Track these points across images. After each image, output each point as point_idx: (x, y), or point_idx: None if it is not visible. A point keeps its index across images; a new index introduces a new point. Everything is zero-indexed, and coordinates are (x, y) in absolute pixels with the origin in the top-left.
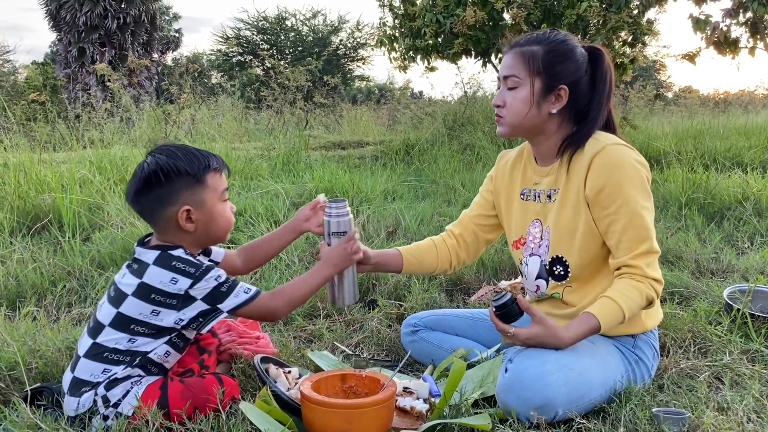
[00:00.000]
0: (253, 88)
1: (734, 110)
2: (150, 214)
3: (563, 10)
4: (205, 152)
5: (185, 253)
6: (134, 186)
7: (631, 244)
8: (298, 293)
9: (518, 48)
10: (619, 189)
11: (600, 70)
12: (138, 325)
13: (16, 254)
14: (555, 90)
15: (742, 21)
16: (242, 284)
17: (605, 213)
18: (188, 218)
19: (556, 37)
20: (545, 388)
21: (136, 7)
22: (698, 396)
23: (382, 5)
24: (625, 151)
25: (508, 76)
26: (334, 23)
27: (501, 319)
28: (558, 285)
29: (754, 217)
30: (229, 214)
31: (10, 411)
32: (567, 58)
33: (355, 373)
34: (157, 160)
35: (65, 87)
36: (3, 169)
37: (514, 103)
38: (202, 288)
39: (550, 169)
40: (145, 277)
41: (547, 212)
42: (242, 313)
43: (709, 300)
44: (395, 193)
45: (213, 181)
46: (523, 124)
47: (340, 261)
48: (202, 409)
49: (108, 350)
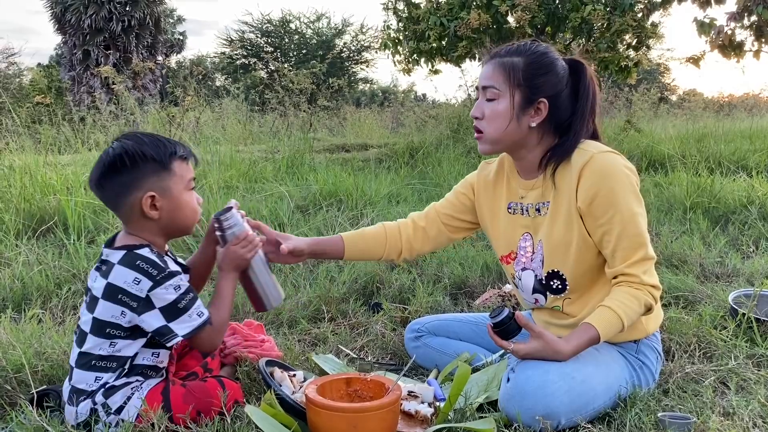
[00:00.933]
0: (257, 90)
1: (739, 113)
2: (114, 200)
3: (567, 14)
4: (173, 140)
5: (150, 252)
6: (98, 171)
7: (627, 253)
8: (225, 317)
9: (498, 58)
10: (611, 197)
11: (582, 83)
12: (112, 328)
13: (21, 257)
14: (534, 103)
15: (746, 24)
16: (198, 304)
17: (599, 223)
18: (153, 205)
19: (537, 49)
20: (547, 398)
21: (141, 10)
22: (704, 401)
23: (386, 8)
24: (613, 158)
25: (487, 87)
26: (338, 26)
27: (500, 336)
28: (557, 298)
29: (759, 221)
30: (195, 205)
31: (17, 413)
32: (548, 71)
33: (360, 377)
34: (123, 145)
35: (70, 89)
36: (8, 171)
37: (494, 116)
38: (161, 296)
39: (536, 182)
40: (110, 277)
41: (538, 226)
42: (191, 341)
43: (714, 304)
44: (399, 196)
45: (179, 168)
46: (504, 139)
47: (235, 263)
48: (206, 412)
49: (94, 357)
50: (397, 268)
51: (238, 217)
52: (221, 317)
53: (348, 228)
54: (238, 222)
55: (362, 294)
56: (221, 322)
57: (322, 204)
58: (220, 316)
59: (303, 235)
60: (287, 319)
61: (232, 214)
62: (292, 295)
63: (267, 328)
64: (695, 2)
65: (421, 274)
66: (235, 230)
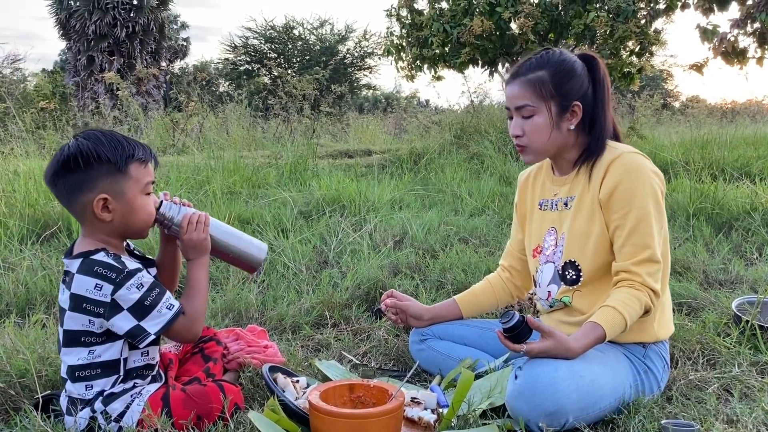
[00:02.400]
0: (260, 96)
1: (742, 120)
2: (66, 199)
3: (571, 20)
4: (133, 141)
5: (106, 256)
6: (52, 168)
7: (634, 249)
8: (201, 305)
9: (522, 77)
10: (631, 194)
11: (598, 76)
12: (86, 336)
13: (25, 261)
14: (569, 108)
15: (749, 31)
16: (167, 297)
17: (614, 217)
18: (104, 207)
19: (556, 57)
20: (556, 394)
21: (145, 16)
22: (707, 408)
23: (390, 15)
24: (641, 160)
25: (521, 107)
26: (341, 32)
27: (512, 341)
28: (569, 289)
29: (762, 228)
30: (151, 209)
31: (21, 418)
32: (572, 75)
33: (363, 383)
34: (79, 144)
35: (74, 95)
36: (13, 176)
37: (535, 130)
38: (126, 297)
39: (567, 178)
40: (73, 287)
41: (563, 219)
42: (167, 334)
43: (718, 311)
44: (402, 202)
45: (136, 172)
46: (549, 148)
47: (198, 248)
48: (207, 417)
49: (76, 368)
50: (400, 274)
51: (172, 206)
52: (195, 306)
53: (351, 233)
54: (175, 211)
55: (365, 300)
56: (196, 311)
57: (325, 210)
58: (194, 305)
59: (306, 241)
60: (290, 324)
61: (165, 207)
62: (295, 301)
63: (270, 334)
64: (698, 9)
65: (424, 280)
66: (176, 219)
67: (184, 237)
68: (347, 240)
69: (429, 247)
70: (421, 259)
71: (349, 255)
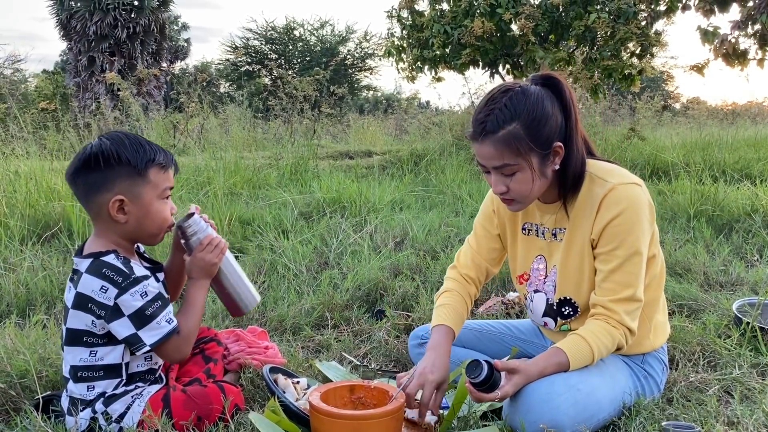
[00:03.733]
0: (261, 97)
1: (742, 122)
2: (84, 197)
3: (571, 21)
4: (156, 146)
5: (116, 259)
6: (73, 166)
7: (615, 287)
8: (194, 325)
9: (493, 135)
10: (621, 232)
11: (564, 99)
12: (89, 336)
13: (26, 262)
14: (551, 153)
15: (750, 33)
16: (168, 310)
17: (602, 250)
18: (120, 209)
19: (523, 104)
20: (552, 411)
21: (146, 17)
22: (708, 410)
23: (391, 16)
24: (634, 193)
25: (499, 167)
26: (342, 33)
27: (486, 392)
28: (566, 322)
29: (763, 230)
30: (167, 215)
31: (21, 419)
32: (545, 118)
33: (364, 384)
34: (102, 144)
35: (75, 96)
36: (14, 177)
37: (520, 186)
38: (128, 304)
39: (553, 207)
40: (79, 286)
41: (553, 250)
42: (157, 350)
43: (718, 313)
44: (403, 203)
45: (155, 176)
46: (535, 194)
47: (206, 270)
48: (207, 418)
49: (80, 369)
50: (400, 275)
51: (201, 222)
52: (189, 326)
53: (351, 235)
54: (201, 227)
55: (366, 301)
56: (189, 331)
57: (326, 211)
58: (187, 325)
59: (307, 242)
60: (291, 325)
61: (194, 221)
62: (295, 302)
63: (271, 335)
64: (699, 11)
65: (425, 281)
66: (199, 236)
67: (198, 254)
68: (348, 241)
69: (430, 249)
70: (421, 261)
71: (350, 256)
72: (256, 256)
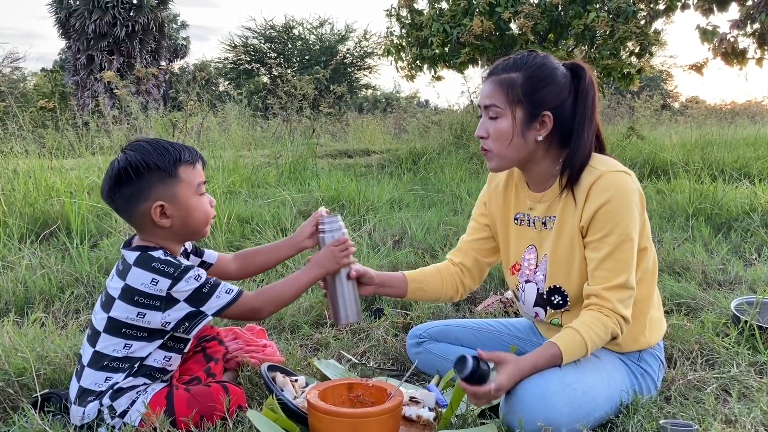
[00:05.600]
0: (260, 96)
1: (741, 121)
2: (125, 211)
3: (570, 21)
4: (178, 145)
5: (165, 254)
6: (107, 184)
7: (607, 275)
8: (283, 293)
9: (496, 76)
10: (610, 217)
11: (581, 86)
12: (129, 329)
13: (24, 260)
14: (538, 117)
15: (749, 32)
16: (224, 284)
17: (592, 238)
18: (162, 213)
19: (535, 61)
20: (547, 409)
21: (145, 16)
22: (705, 408)
23: (390, 15)
24: (622, 179)
25: (488, 106)
26: (341, 32)
27: (477, 385)
28: (557, 313)
29: (761, 229)
30: (207, 208)
31: (19, 417)
32: (548, 83)
33: (362, 382)
34: (127, 157)
35: (74, 94)
36: (13, 175)
37: (497, 135)
38: (183, 289)
39: (544, 195)
40: (128, 279)
41: (543, 239)
42: (227, 315)
43: (717, 311)
44: (401, 202)
45: (186, 174)
46: (510, 155)
47: (328, 263)
48: (209, 417)
49: (108, 358)
50: None
51: (341, 223)
52: (278, 293)
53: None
54: (340, 227)
55: (364, 299)
56: (276, 296)
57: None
58: (276, 292)
59: None
60: (289, 324)
61: (337, 219)
62: (294, 300)
63: (269, 333)
64: (698, 10)
65: None
66: (335, 234)
67: (330, 247)
68: None
69: (428, 247)
70: (420, 259)
71: None
72: None
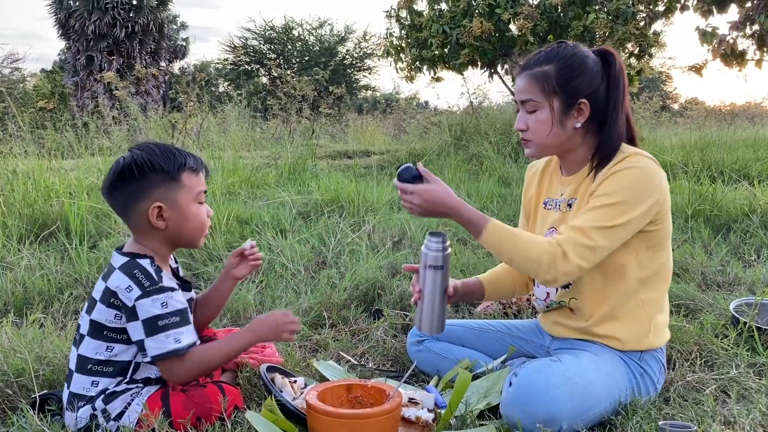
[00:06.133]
0: (259, 97)
1: (741, 122)
2: (123, 208)
3: (570, 22)
4: (185, 152)
5: (150, 265)
6: (109, 179)
7: (581, 222)
8: (211, 360)
9: (529, 70)
10: (618, 182)
11: (612, 71)
12: (110, 332)
13: (23, 261)
14: (575, 105)
15: (748, 33)
16: (184, 330)
17: (595, 195)
18: (159, 215)
19: (566, 51)
20: (550, 402)
21: (145, 17)
22: (704, 409)
23: (389, 16)
24: (647, 162)
25: (525, 101)
26: (340, 33)
27: (408, 182)
28: (565, 293)
29: (761, 230)
30: (204, 218)
31: (18, 418)
32: (580, 71)
33: (361, 384)
34: (134, 155)
35: (73, 95)
36: (12, 175)
37: (537, 126)
38: (145, 308)
39: (573, 178)
40: (109, 281)
41: (563, 221)
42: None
43: (716, 313)
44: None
45: (189, 180)
46: (550, 144)
47: (268, 333)
48: (206, 418)
49: (91, 361)
50: (398, 274)
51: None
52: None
53: (350, 234)
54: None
55: (363, 300)
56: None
57: (324, 210)
58: (204, 358)
59: (305, 241)
60: None
61: (441, 239)
62: (293, 302)
63: None
64: (697, 11)
65: None
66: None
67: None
68: (346, 240)
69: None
70: (419, 260)
71: (348, 255)
72: None
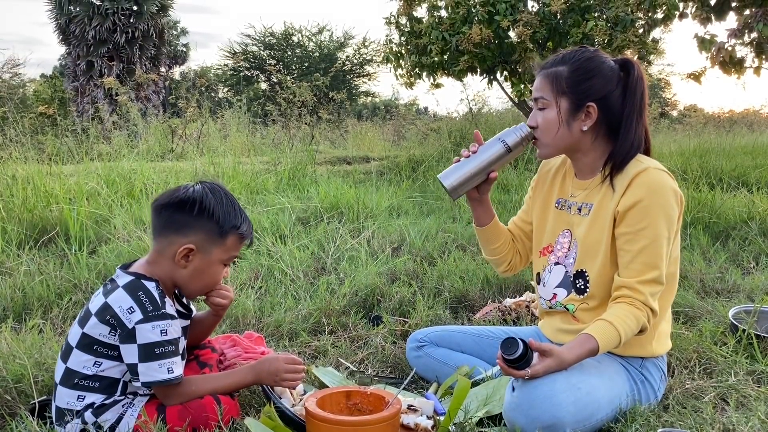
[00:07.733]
0: (259, 103)
1: (739, 129)
2: (161, 229)
3: (569, 29)
4: (245, 215)
5: (156, 289)
6: (167, 198)
7: (642, 268)
8: (207, 391)
9: (545, 70)
10: (649, 211)
11: (629, 80)
12: (100, 346)
13: (23, 266)
14: (583, 108)
15: (747, 41)
16: (174, 360)
17: (627, 230)
18: (186, 256)
19: (583, 55)
20: (554, 407)
21: (145, 22)
22: (703, 417)
23: (389, 22)
24: (666, 178)
25: (537, 98)
26: (340, 39)
27: (518, 369)
28: (576, 298)
29: (759, 237)
30: (217, 280)
31: (17, 423)
32: (593, 75)
33: (360, 390)
34: (203, 193)
35: (73, 100)
36: (11, 181)
37: (545, 124)
38: (145, 333)
39: (588, 184)
40: (110, 298)
41: (577, 225)
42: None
43: (715, 320)
44: (400, 209)
45: (232, 242)
46: (557, 144)
47: (267, 377)
48: (202, 428)
49: (78, 375)
50: (397, 281)
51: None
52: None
53: (349, 240)
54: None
55: (362, 307)
56: (195, 392)
57: (323, 216)
58: (198, 389)
59: (304, 247)
60: (287, 331)
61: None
62: (292, 308)
63: (267, 341)
64: (696, 19)
65: (422, 287)
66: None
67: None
68: (345, 246)
69: (427, 254)
70: (418, 266)
71: (347, 262)
72: (254, 261)
